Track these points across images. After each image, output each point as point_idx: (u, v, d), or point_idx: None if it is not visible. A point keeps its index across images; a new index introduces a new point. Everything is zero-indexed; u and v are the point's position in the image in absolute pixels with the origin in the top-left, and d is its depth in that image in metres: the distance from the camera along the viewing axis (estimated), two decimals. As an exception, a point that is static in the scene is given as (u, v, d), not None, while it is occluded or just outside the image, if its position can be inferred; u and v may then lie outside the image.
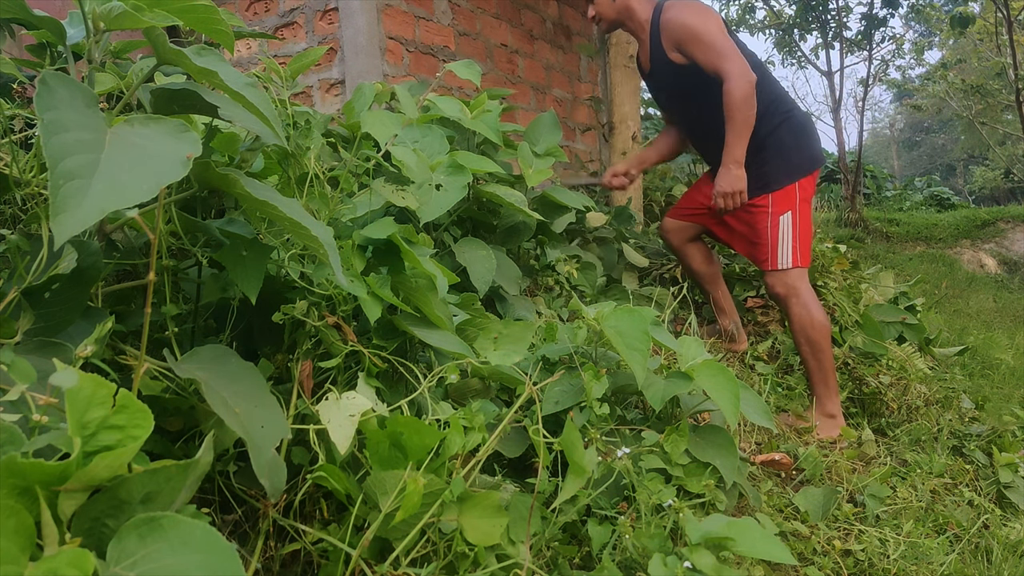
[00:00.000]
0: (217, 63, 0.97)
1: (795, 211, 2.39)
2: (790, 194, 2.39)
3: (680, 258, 2.76)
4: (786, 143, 2.39)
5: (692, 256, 2.72)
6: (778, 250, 2.39)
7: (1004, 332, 4.78)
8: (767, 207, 2.40)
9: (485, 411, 1.31)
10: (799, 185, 2.40)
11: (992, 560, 1.78)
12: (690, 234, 2.69)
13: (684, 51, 2.31)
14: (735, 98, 2.20)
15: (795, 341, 2.42)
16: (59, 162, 0.71)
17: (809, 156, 2.44)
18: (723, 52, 2.23)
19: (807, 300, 2.37)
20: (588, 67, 4.32)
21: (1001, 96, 11.50)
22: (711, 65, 2.25)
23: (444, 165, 1.82)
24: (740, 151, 2.25)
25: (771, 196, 2.39)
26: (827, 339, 2.37)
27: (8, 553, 0.57)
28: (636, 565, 1.27)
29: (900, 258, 8.02)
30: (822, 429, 2.32)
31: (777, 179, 2.38)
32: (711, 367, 1.58)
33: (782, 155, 2.38)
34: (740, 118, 2.22)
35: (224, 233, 1.14)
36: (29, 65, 1.42)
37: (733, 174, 2.27)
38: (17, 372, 0.74)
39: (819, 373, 2.38)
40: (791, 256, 2.38)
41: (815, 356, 2.37)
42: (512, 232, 2.33)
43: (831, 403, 2.38)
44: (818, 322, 2.35)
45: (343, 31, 2.81)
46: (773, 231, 2.39)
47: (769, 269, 2.41)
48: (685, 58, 2.32)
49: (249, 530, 1.12)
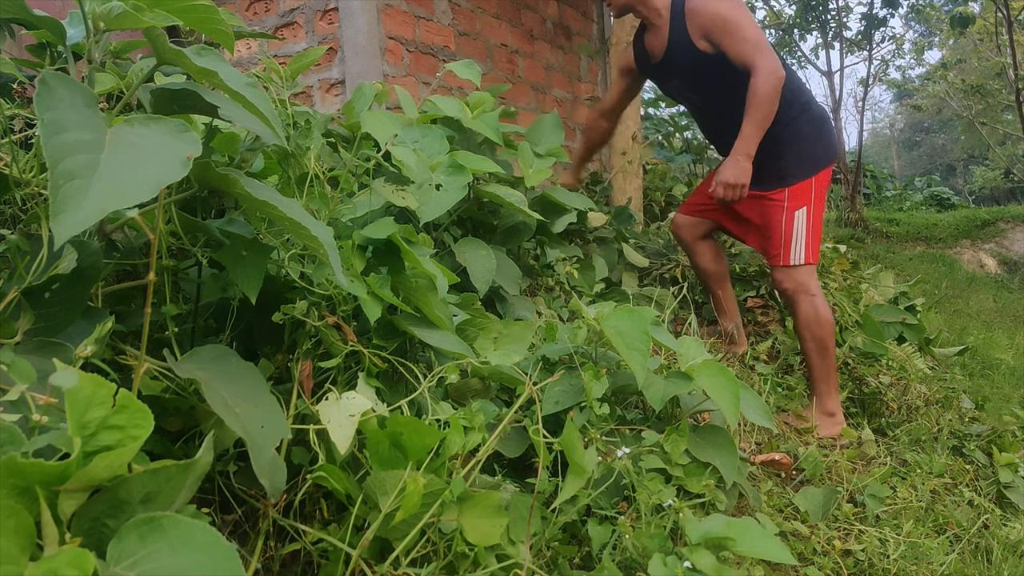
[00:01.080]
0: (217, 63, 0.97)
1: (810, 206, 2.36)
2: (806, 189, 2.36)
3: (690, 255, 2.73)
4: (804, 136, 2.35)
5: (702, 253, 2.69)
6: (791, 245, 2.35)
7: (1004, 332, 4.77)
8: (783, 201, 2.36)
9: (485, 411, 1.31)
10: (816, 179, 2.37)
11: (992, 560, 1.78)
12: (702, 231, 2.66)
13: (714, 40, 2.26)
14: (762, 92, 2.15)
15: (799, 337, 2.41)
16: (59, 162, 0.71)
17: (825, 149, 2.41)
18: (757, 45, 2.18)
19: (816, 297, 2.35)
20: (588, 67, 4.32)
21: (1001, 96, 11.50)
22: (742, 57, 2.20)
23: (444, 165, 1.82)
24: (753, 145, 2.20)
25: (787, 190, 2.36)
26: (832, 337, 2.36)
27: (8, 553, 0.57)
28: (636, 565, 1.27)
29: (900, 258, 8.02)
30: (822, 428, 2.32)
31: (794, 173, 2.35)
32: (711, 367, 1.58)
33: (800, 148, 2.35)
34: (762, 113, 2.17)
35: (224, 233, 1.14)
36: (29, 65, 1.41)
37: (741, 166, 2.21)
38: (17, 372, 0.74)
39: (822, 371, 2.38)
40: (804, 252, 2.35)
41: (820, 353, 2.36)
42: (512, 232, 2.32)
43: (831, 401, 2.38)
44: (824, 319, 2.34)
45: (343, 31, 2.81)
46: (788, 226, 2.36)
47: (780, 264, 2.38)
48: (713, 47, 2.27)
49: (249, 530, 1.12)
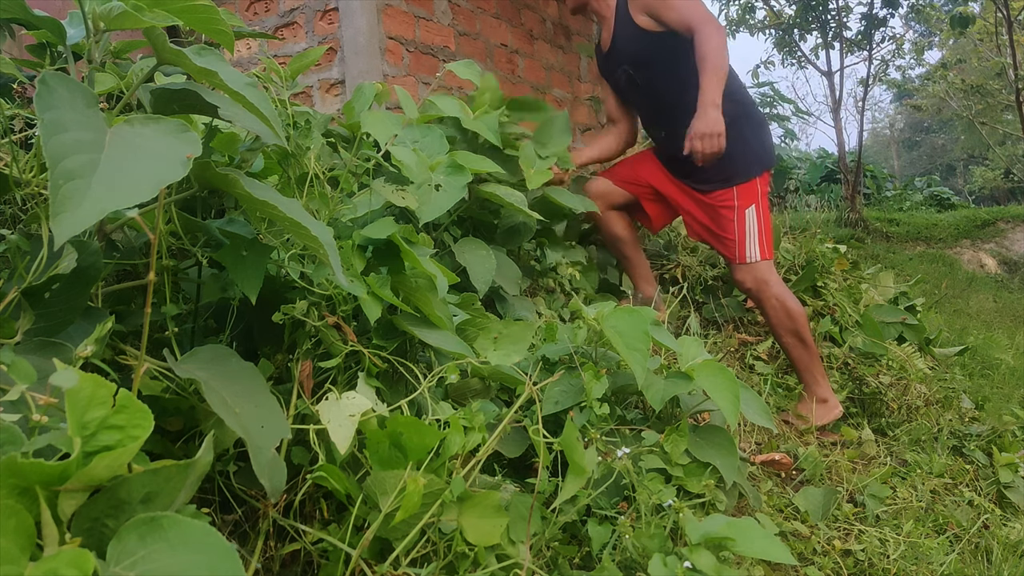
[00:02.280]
0: (217, 63, 0.97)
1: (758, 204, 2.39)
2: (752, 188, 2.40)
3: (601, 223, 2.66)
4: (745, 135, 2.36)
5: (615, 221, 2.63)
6: (746, 243, 2.39)
7: (1004, 332, 4.77)
8: (732, 200, 2.40)
9: (485, 411, 1.31)
10: (759, 179, 2.41)
11: (992, 560, 1.78)
12: (617, 202, 2.62)
13: (655, 14, 2.30)
14: (710, 45, 2.14)
15: (775, 334, 2.42)
16: (59, 162, 0.71)
17: (766, 153, 2.45)
18: (695, 7, 2.22)
19: (779, 291, 2.37)
20: (588, 67, 4.32)
21: (1001, 96, 11.48)
22: (683, 22, 2.22)
23: (444, 165, 1.82)
24: (716, 94, 2.14)
25: (735, 190, 2.39)
26: (806, 326, 2.37)
27: (8, 553, 0.57)
28: (636, 565, 1.27)
29: (900, 258, 8.02)
30: (820, 416, 2.32)
31: (739, 172, 2.38)
32: (711, 367, 1.58)
33: (742, 148, 2.34)
34: (714, 63, 2.14)
35: (224, 233, 1.14)
36: (29, 65, 1.41)
37: (711, 115, 2.13)
38: (17, 372, 0.74)
39: (804, 360, 2.38)
40: (758, 249, 2.38)
41: (798, 345, 2.37)
42: (513, 233, 2.32)
43: (821, 388, 2.38)
44: (794, 311, 2.35)
45: (343, 31, 2.81)
46: (740, 225, 2.39)
47: (737, 262, 2.41)
48: (655, 22, 2.32)
49: (249, 530, 1.12)
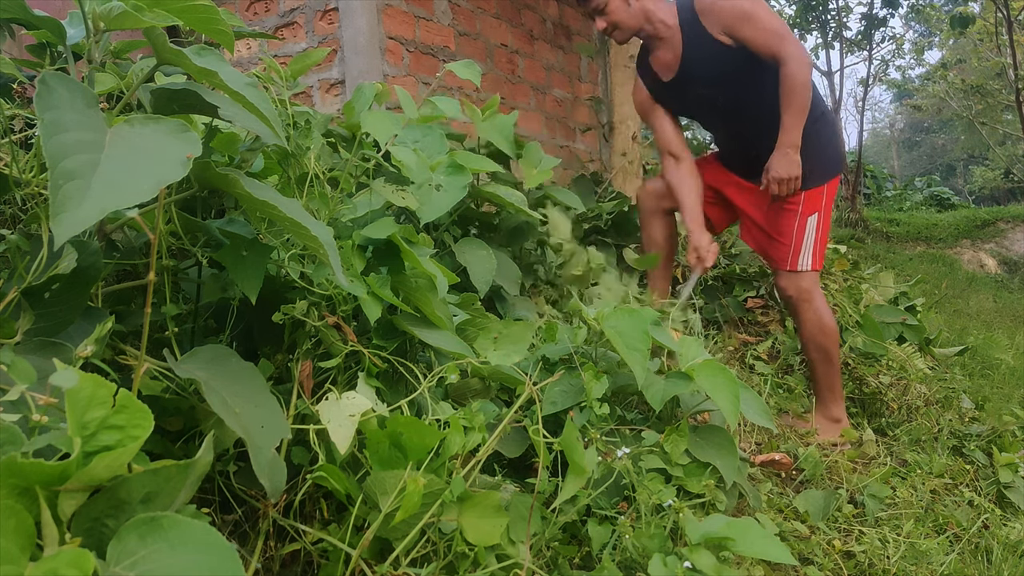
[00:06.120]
0: (217, 63, 0.97)
1: (821, 212, 2.32)
2: (819, 194, 2.32)
3: (645, 224, 2.57)
4: (821, 141, 2.30)
5: (659, 228, 2.54)
6: (800, 251, 2.31)
7: (1004, 332, 4.77)
8: (797, 206, 2.31)
9: (485, 411, 1.31)
10: (828, 186, 2.33)
11: (992, 560, 1.78)
12: (667, 207, 2.52)
13: (735, 33, 2.16)
14: (796, 81, 2.09)
15: (804, 346, 2.38)
16: (59, 162, 0.71)
17: (838, 157, 2.40)
18: (781, 33, 2.12)
19: (819, 305, 2.32)
20: (588, 67, 4.32)
21: (1001, 96, 11.49)
22: (768, 46, 2.12)
23: (444, 165, 1.82)
24: (797, 135, 2.15)
25: (803, 195, 2.30)
26: (836, 344, 2.34)
27: (8, 553, 0.57)
28: (636, 565, 1.27)
29: (900, 258, 8.02)
30: (823, 432, 2.31)
31: (810, 177, 2.28)
32: (711, 367, 1.58)
33: (817, 153, 2.28)
34: (799, 102, 2.11)
35: (224, 233, 1.14)
36: (29, 65, 1.41)
37: (791, 159, 2.16)
38: (17, 372, 0.74)
39: (827, 378, 2.35)
40: (811, 259, 2.31)
41: (825, 362, 2.34)
42: (515, 233, 2.32)
43: (836, 408, 2.37)
44: (829, 328, 2.31)
45: (343, 31, 2.81)
46: (800, 231, 2.31)
47: (786, 270, 2.33)
48: (734, 41, 2.18)
49: (249, 530, 1.12)
